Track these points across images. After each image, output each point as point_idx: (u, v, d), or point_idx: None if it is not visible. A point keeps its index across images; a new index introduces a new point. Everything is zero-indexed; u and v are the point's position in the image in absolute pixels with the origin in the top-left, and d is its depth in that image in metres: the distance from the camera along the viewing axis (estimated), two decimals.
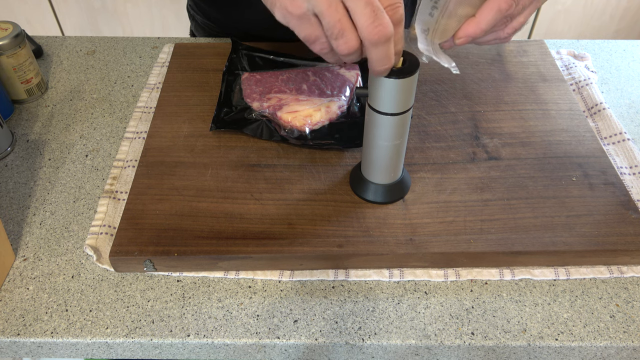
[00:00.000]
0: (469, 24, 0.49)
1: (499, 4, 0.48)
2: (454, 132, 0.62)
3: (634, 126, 0.67)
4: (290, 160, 0.59)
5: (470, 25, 0.49)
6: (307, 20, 0.42)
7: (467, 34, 0.49)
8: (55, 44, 0.81)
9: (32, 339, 0.48)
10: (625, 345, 0.47)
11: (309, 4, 0.41)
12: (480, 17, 0.48)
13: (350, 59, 0.43)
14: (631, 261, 0.52)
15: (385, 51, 0.41)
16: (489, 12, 0.48)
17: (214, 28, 0.87)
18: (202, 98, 0.67)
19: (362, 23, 0.40)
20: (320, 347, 0.48)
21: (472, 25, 0.48)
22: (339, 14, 0.41)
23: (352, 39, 0.41)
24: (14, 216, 0.57)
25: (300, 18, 0.42)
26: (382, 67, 0.43)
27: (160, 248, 0.50)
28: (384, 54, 0.41)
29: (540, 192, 0.56)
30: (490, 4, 0.48)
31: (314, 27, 0.42)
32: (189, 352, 0.49)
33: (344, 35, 0.41)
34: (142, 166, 0.58)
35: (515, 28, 0.52)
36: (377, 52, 0.41)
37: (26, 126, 0.68)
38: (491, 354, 0.49)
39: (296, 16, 0.42)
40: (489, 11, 0.48)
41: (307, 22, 0.42)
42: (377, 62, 0.42)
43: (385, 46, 0.41)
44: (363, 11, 0.40)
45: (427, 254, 0.50)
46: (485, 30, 0.49)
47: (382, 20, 0.40)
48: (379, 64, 0.42)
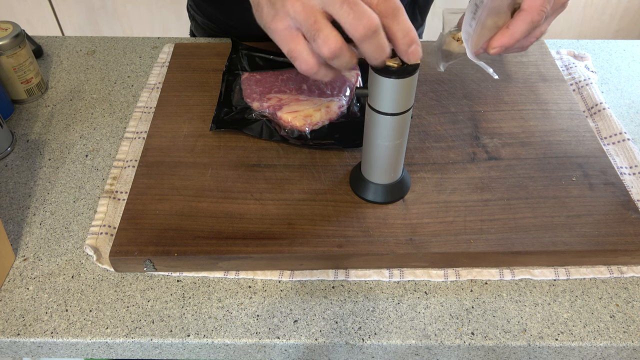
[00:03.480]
0: (503, 34, 0.50)
1: (532, 16, 0.49)
2: (454, 132, 0.62)
3: (634, 126, 0.67)
4: (290, 160, 0.59)
5: (504, 36, 0.50)
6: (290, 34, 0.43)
7: (501, 44, 0.50)
8: (55, 44, 0.81)
9: (32, 339, 0.48)
10: (625, 345, 0.47)
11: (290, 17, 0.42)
12: (514, 28, 0.50)
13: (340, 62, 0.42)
14: (631, 261, 0.52)
15: (375, 43, 0.41)
16: (522, 24, 0.49)
17: (214, 28, 0.87)
18: (202, 98, 0.67)
19: (343, 22, 0.40)
20: (320, 347, 0.48)
21: (506, 36, 0.50)
22: (315, 16, 0.41)
23: (330, 38, 0.41)
24: (14, 216, 0.57)
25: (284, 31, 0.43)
26: (377, 60, 0.42)
27: (160, 248, 0.50)
28: (375, 46, 0.41)
29: (540, 192, 0.56)
30: (523, 15, 0.49)
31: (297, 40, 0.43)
32: (189, 352, 0.49)
33: (320, 33, 0.41)
34: (142, 166, 0.58)
35: (536, 37, 0.53)
36: (368, 46, 0.41)
37: (26, 126, 0.68)
38: (491, 354, 0.49)
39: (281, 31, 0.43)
40: (522, 22, 0.49)
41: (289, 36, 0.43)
42: (372, 56, 0.42)
43: (373, 38, 0.41)
44: (340, 11, 0.40)
45: (427, 254, 0.50)
46: (518, 40, 0.50)
47: (362, 14, 0.40)
48: (374, 58, 0.42)
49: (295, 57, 0.43)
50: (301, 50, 0.43)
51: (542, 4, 0.49)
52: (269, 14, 0.44)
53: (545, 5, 0.49)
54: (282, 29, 0.43)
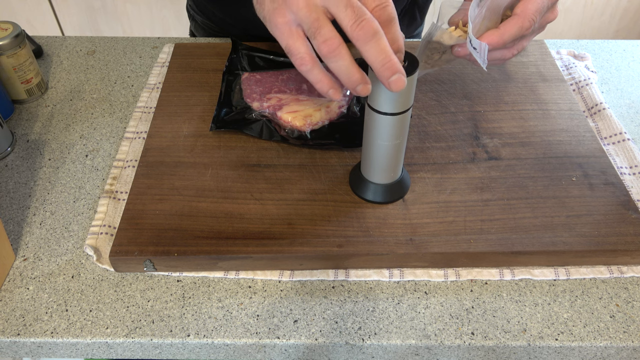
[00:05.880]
0: (493, 33, 0.52)
1: (522, 22, 0.52)
2: (454, 132, 0.62)
3: (634, 126, 0.67)
4: (290, 160, 0.59)
5: (494, 35, 0.52)
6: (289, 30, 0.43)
7: (489, 42, 0.52)
8: (55, 44, 0.81)
9: (32, 339, 0.48)
10: (625, 345, 0.47)
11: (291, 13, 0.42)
12: (504, 29, 0.52)
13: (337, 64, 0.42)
14: (631, 261, 0.52)
15: (377, 47, 0.40)
16: (512, 27, 0.52)
17: (214, 28, 0.87)
18: (202, 98, 0.67)
19: (345, 24, 0.41)
20: (320, 347, 0.48)
21: (495, 35, 0.52)
22: (317, 14, 0.41)
23: (331, 37, 0.41)
24: (14, 216, 0.57)
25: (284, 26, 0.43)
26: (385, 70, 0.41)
27: (160, 248, 0.50)
28: (377, 50, 0.41)
29: (540, 192, 0.56)
30: (515, 19, 0.52)
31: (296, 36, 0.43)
32: (189, 352, 0.49)
33: (321, 31, 0.41)
34: (142, 166, 0.58)
35: (518, 50, 0.56)
36: (370, 50, 0.41)
37: (26, 126, 0.68)
38: (491, 354, 0.49)
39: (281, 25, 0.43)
40: (513, 26, 0.52)
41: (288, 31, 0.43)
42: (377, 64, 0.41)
43: (374, 42, 0.40)
44: (344, 14, 0.41)
45: (427, 254, 0.50)
46: (506, 42, 0.52)
47: (365, 17, 0.40)
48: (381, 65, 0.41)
49: (292, 53, 0.44)
50: (299, 46, 0.43)
51: (534, 12, 0.51)
52: (270, 7, 0.44)
53: (537, 15, 0.52)
54: (282, 24, 0.43)
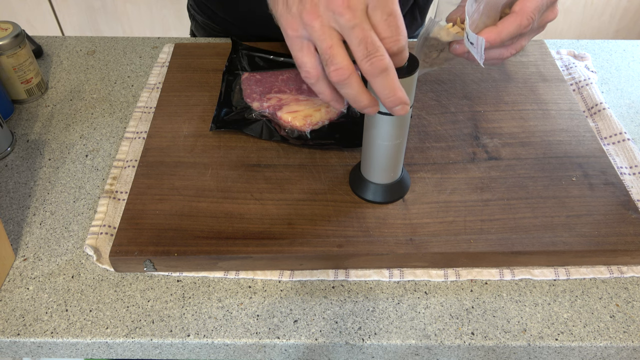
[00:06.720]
0: (490, 30, 0.51)
1: (520, 20, 0.51)
2: (454, 132, 0.62)
3: (634, 126, 0.67)
4: (290, 160, 0.59)
5: (491, 32, 0.51)
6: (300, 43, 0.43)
7: (487, 39, 0.51)
8: (55, 44, 0.81)
9: (32, 339, 0.48)
10: (625, 345, 0.47)
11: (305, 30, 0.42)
12: (501, 27, 0.51)
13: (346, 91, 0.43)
14: (631, 261, 0.52)
15: (384, 82, 0.41)
16: (510, 25, 0.51)
17: (214, 28, 0.87)
18: (202, 98, 0.67)
19: (356, 57, 0.41)
20: (320, 347, 0.48)
21: (493, 33, 0.51)
22: (332, 41, 0.41)
23: (343, 66, 0.41)
24: (14, 216, 0.57)
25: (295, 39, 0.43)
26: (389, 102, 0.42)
27: (160, 248, 0.50)
28: (384, 85, 0.41)
29: (540, 192, 0.56)
30: (514, 16, 0.51)
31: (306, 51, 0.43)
32: (189, 352, 0.49)
33: (333, 60, 0.41)
34: (142, 166, 0.58)
35: (517, 49, 0.55)
36: (377, 84, 0.42)
37: (26, 126, 0.68)
38: (491, 354, 0.49)
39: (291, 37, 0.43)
40: (511, 23, 0.51)
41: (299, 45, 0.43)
42: (383, 95, 0.42)
43: (382, 77, 0.41)
44: (357, 48, 0.41)
45: (427, 254, 0.50)
46: (503, 39, 0.51)
47: (376, 54, 0.40)
48: (386, 98, 0.42)
49: (300, 65, 0.44)
50: (306, 61, 0.44)
51: (532, 10, 0.51)
52: (283, 12, 0.44)
53: (535, 13, 0.51)
54: (294, 37, 0.43)
